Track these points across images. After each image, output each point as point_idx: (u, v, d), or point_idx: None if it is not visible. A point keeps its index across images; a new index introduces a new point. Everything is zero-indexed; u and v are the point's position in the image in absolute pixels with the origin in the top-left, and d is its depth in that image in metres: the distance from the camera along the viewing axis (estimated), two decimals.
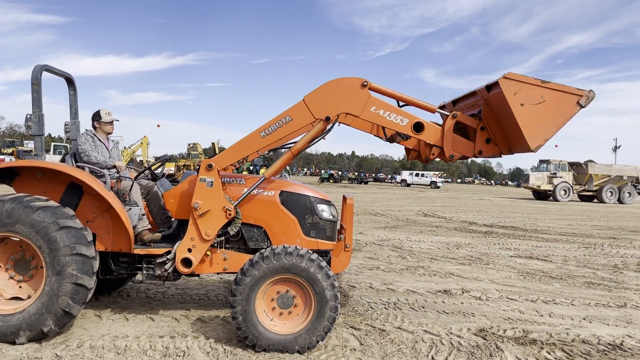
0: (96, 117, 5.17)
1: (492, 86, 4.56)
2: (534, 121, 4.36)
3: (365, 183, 66.01)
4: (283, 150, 4.88)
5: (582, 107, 4.40)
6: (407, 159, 5.19)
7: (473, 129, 4.77)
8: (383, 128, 4.82)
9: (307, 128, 4.67)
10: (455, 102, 5.38)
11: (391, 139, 4.93)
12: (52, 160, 5.34)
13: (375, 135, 4.94)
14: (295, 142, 4.77)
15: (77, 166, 4.87)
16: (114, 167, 4.99)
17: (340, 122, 4.75)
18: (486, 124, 4.71)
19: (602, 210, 26.21)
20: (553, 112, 4.40)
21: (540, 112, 4.37)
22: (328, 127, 4.69)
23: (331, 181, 60.30)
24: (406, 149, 5.11)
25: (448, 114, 4.74)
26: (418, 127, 4.71)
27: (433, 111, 4.86)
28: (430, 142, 4.76)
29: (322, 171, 71.77)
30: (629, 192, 34.70)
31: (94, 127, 5.18)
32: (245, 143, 4.72)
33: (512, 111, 4.33)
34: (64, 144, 40.03)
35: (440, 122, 4.90)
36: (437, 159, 4.96)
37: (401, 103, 4.87)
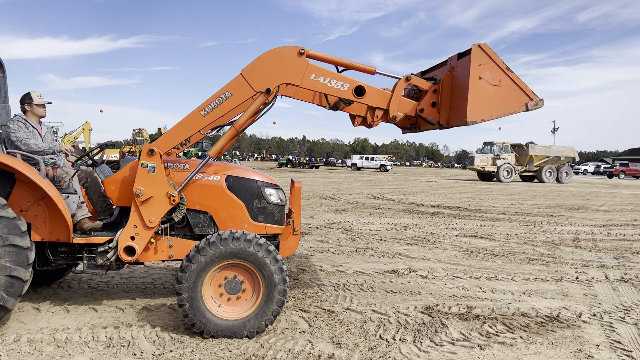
0: (27, 99, 4.84)
1: (464, 54, 4.56)
2: (481, 98, 4.39)
3: (317, 167, 66.19)
4: (227, 128, 4.75)
5: (527, 109, 4.49)
6: (353, 125, 5.16)
7: (425, 92, 4.76)
8: (325, 96, 4.79)
9: (248, 103, 4.54)
10: (424, 73, 5.36)
11: (334, 107, 4.91)
12: None
13: (318, 105, 4.90)
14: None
15: (8, 152, 4.60)
16: (61, 152, 4.76)
17: (281, 95, 4.68)
18: (441, 88, 4.70)
19: (542, 189, 27.42)
20: (502, 100, 4.46)
21: (491, 93, 4.42)
22: (270, 100, 4.59)
23: (289, 166, 60.02)
24: (351, 115, 5.08)
25: (392, 75, 4.72)
26: (359, 91, 4.67)
27: (373, 72, 4.81)
28: (373, 104, 4.73)
29: (280, 156, 71.39)
30: (566, 172, 36.45)
31: (24, 111, 4.87)
32: (186, 123, 4.56)
33: (470, 78, 4.34)
34: None
35: (382, 86, 4.89)
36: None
37: (340, 68, 4.80)
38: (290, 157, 65.22)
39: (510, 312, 5.11)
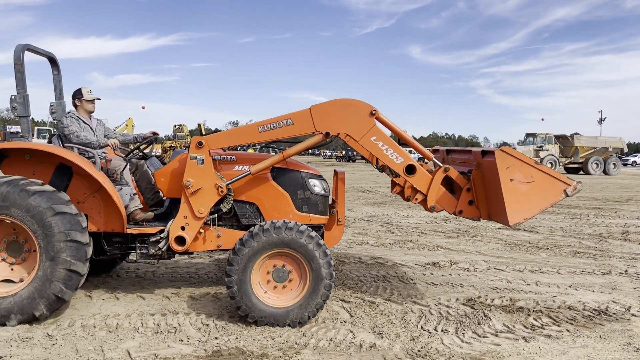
0: (78, 94, 5.11)
1: (487, 152, 4.60)
2: (518, 198, 4.36)
3: (353, 161, 65.99)
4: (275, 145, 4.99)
5: (567, 196, 4.41)
6: (390, 191, 5.28)
7: (459, 186, 4.80)
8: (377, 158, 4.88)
9: (305, 136, 4.72)
10: (449, 152, 5.53)
11: (381, 169, 5.09)
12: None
13: (367, 160, 5.07)
14: (289, 144, 4.88)
15: (65, 147, 4.83)
16: (107, 146, 4.97)
17: (338, 137, 4.77)
18: (473, 185, 4.73)
19: (588, 181, 26.54)
20: (539, 194, 4.40)
21: (526, 191, 4.38)
22: (326, 141, 4.73)
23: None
24: (392, 181, 5.18)
25: (442, 165, 4.77)
26: (410, 169, 4.73)
27: (429, 159, 4.90)
28: (417, 187, 4.79)
29: (333, 151, 70.69)
30: (614, 164, 35.11)
31: (75, 106, 5.13)
32: (241, 132, 4.77)
33: (501, 184, 4.33)
34: (47, 127, 39.52)
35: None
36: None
37: (401, 141, 4.92)
38: None
39: (556, 305, 5.03)
